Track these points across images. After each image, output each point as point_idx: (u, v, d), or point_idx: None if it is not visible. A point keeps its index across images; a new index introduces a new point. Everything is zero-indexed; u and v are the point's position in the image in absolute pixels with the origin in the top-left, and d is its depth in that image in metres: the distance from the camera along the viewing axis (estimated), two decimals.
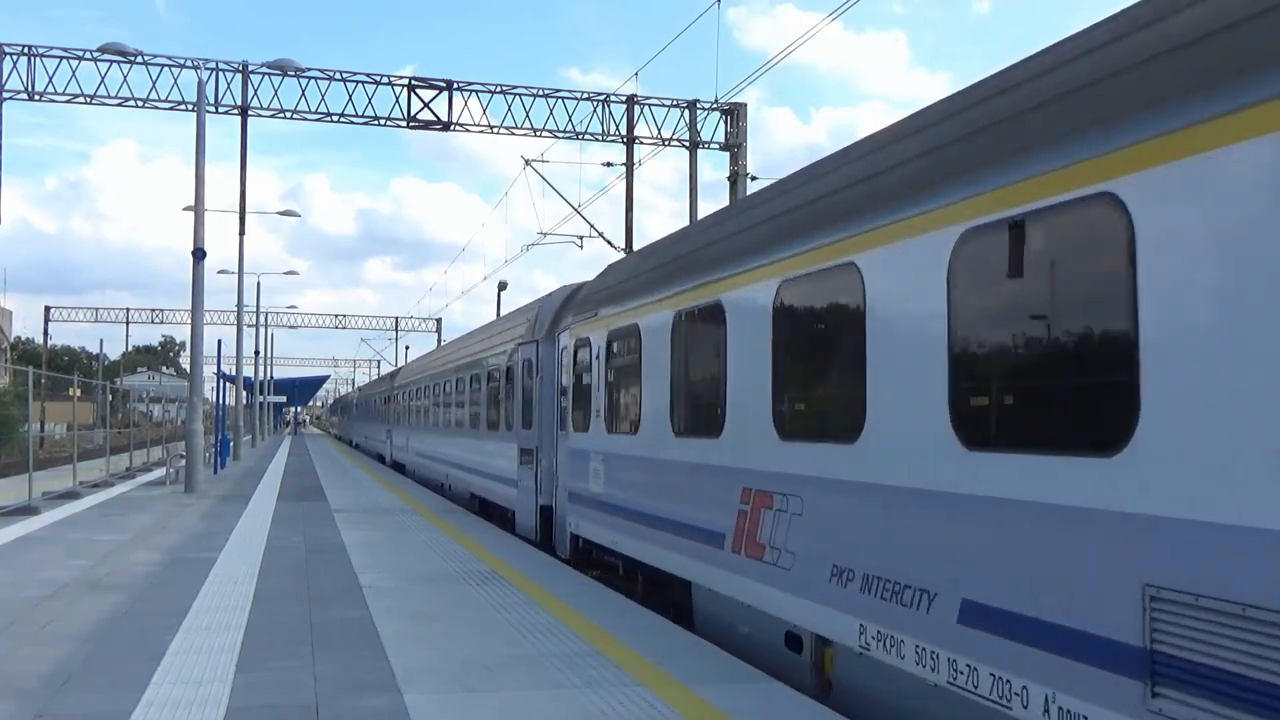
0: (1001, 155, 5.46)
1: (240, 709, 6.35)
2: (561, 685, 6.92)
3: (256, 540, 14.72)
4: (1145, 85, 4.65)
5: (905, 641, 5.99)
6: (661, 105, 34.39)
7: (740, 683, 7.05)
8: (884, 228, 6.43)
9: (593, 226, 37.70)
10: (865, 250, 6.61)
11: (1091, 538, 4.65)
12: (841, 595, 6.70)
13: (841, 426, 6.81)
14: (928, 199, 6.02)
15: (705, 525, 8.86)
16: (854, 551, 6.65)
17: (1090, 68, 5.10)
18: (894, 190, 6.49)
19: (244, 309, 51.32)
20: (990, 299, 5.75)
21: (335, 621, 9.00)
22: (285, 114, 32.84)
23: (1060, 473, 4.87)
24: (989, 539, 5.38)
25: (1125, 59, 4.88)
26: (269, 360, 75.95)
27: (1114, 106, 4.78)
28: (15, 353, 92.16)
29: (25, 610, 9.43)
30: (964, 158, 5.84)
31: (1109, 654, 4.49)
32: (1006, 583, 5.19)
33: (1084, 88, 5.04)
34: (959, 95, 6.54)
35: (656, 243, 12.43)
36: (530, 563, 12.67)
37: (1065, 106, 5.11)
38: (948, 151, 6.09)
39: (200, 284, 24.82)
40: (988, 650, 5.28)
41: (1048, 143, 5.08)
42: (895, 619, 6.10)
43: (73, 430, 28.79)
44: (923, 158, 6.36)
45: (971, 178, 5.65)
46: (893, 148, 6.92)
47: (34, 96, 31.24)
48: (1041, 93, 5.37)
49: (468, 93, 33.70)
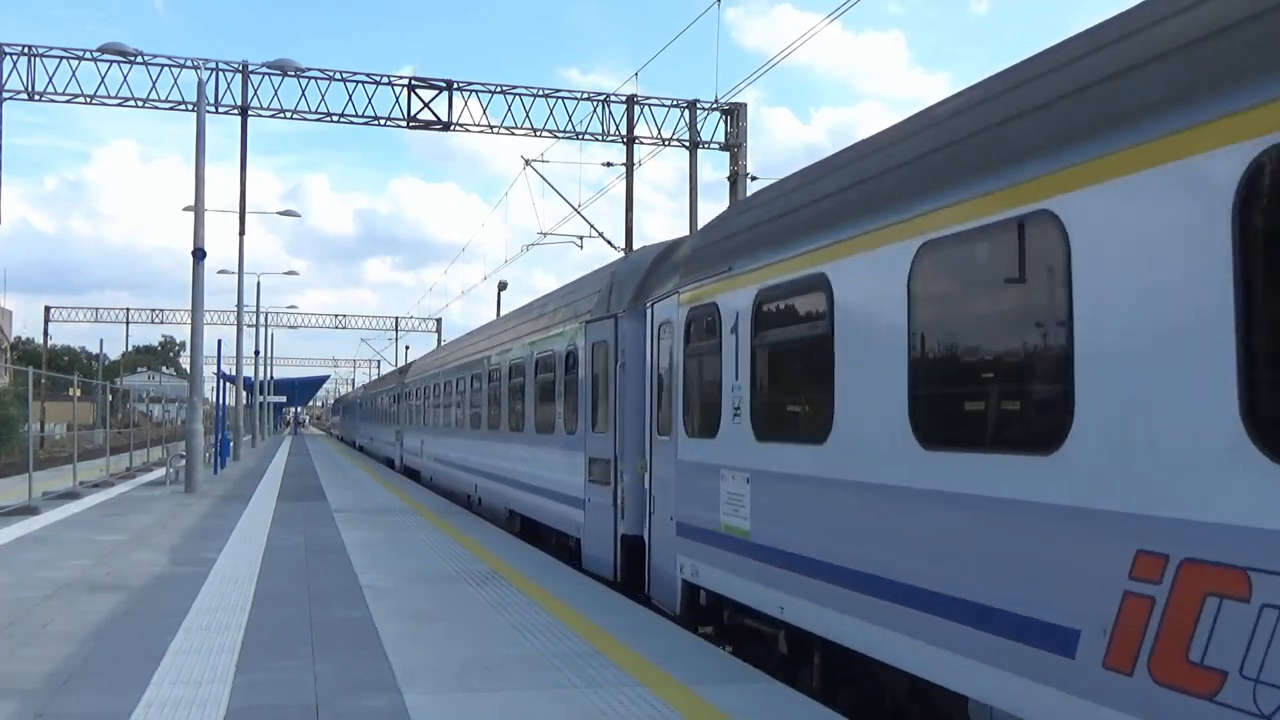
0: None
1: (240, 709, 6.35)
2: (561, 685, 6.92)
3: (256, 540, 14.72)
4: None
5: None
6: (661, 105, 34.41)
7: (740, 683, 7.06)
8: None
9: (592, 226, 37.72)
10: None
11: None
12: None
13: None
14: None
15: (1021, 611, 5.25)
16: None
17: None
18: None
19: (244, 309, 51.38)
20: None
21: (335, 621, 9.00)
22: (285, 114, 32.85)
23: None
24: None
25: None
26: (269, 360, 76.03)
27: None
28: (15, 353, 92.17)
29: (25, 610, 9.43)
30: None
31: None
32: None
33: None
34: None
35: (860, 144, 7.91)
36: (530, 563, 12.67)
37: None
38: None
39: (200, 284, 24.82)
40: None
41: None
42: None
43: (73, 430, 28.81)
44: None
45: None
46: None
47: (34, 96, 31.25)
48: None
49: (468, 93, 33.71)
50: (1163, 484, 4.47)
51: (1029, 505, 5.23)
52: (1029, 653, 5.13)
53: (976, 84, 6.64)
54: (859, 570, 6.68)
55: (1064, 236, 4.98)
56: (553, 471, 14.64)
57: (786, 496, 7.76)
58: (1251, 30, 4.30)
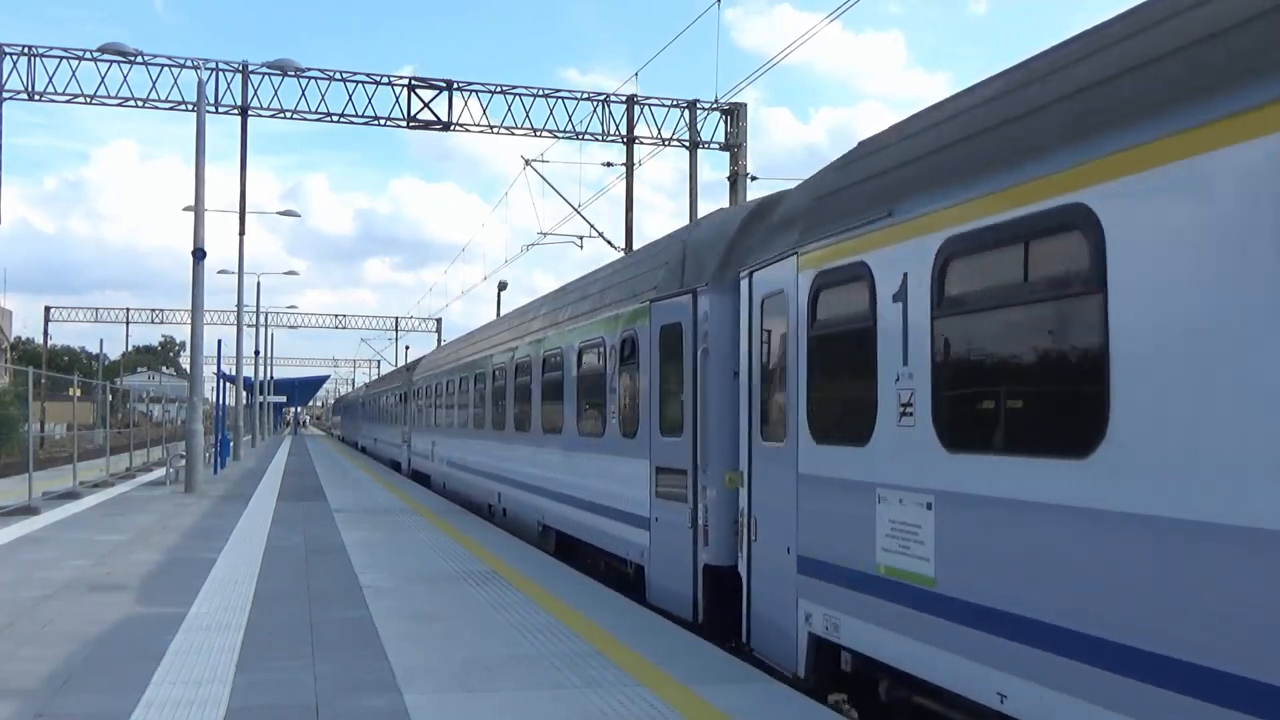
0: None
1: (240, 709, 6.35)
2: (561, 685, 6.92)
3: (256, 540, 14.71)
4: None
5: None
6: (661, 105, 34.40)
7: (740, 683, 7.05)
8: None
9: (593, 226, 37.71)
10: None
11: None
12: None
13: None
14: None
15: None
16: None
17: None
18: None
19: (244, 309, 51.38)
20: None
21: (335, 621, 9.00)
22: (285, 114, 32.85)
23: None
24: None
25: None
26: (269, 360, 76.04)
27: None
28: (15, 353, 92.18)
29: (25, 610, 9.43)
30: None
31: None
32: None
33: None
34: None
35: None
36: (530, 563, 12.66)
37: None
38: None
39: (200, 284, 24.82)
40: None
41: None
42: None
43: (73, 430, 28.81)
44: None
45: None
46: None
47: (34, 96, 31.25)
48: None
49: (468, 93, 33.71)
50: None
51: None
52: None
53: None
54: (1162, 655, 4.36)
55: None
56: (603, 482, 12.31)
57: (1012, 533, 5.34)
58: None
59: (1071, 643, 4.82)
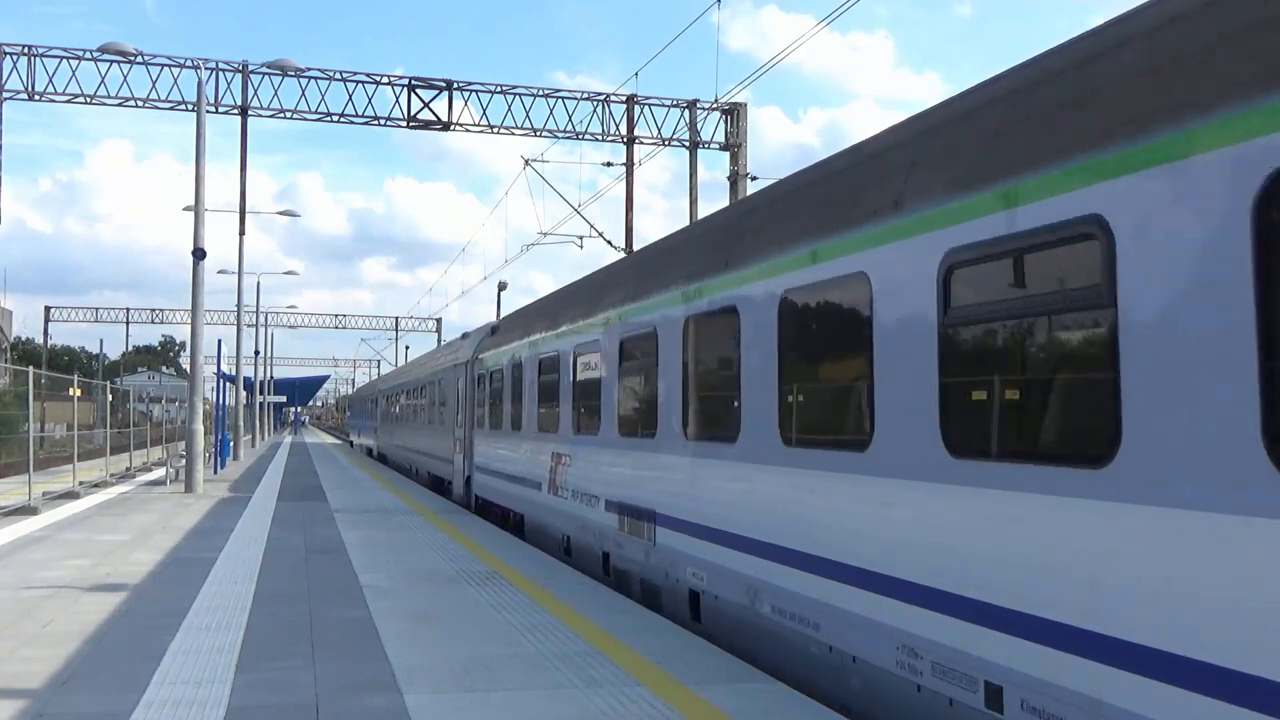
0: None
1: (240, 709, 6.35)
2: (561, 685, 6.92)
3: (256, 540, 14.71)
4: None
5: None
6: (661, 105, 34.42)
7: (740, 683, 7.05)
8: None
9: (592, 226, 37.71)
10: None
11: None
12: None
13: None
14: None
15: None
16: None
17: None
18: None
19: (243, 309, 51.37)
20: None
21: (335, 621, 9.00)
22: (285, 114, 32.87)
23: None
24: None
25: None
26: (269, 360, 76.01)
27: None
28: (15, 353, 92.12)
29: (25, 610, 9.43)
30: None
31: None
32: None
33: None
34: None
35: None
36: (530, 562, 12.66)
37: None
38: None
39: (200, 284, 24.82)
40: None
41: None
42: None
43: (73, 430, 28.76)
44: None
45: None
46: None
47: (34, 96, 31.27)
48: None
49: (467, 93, 33.72)
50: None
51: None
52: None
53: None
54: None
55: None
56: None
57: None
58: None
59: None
